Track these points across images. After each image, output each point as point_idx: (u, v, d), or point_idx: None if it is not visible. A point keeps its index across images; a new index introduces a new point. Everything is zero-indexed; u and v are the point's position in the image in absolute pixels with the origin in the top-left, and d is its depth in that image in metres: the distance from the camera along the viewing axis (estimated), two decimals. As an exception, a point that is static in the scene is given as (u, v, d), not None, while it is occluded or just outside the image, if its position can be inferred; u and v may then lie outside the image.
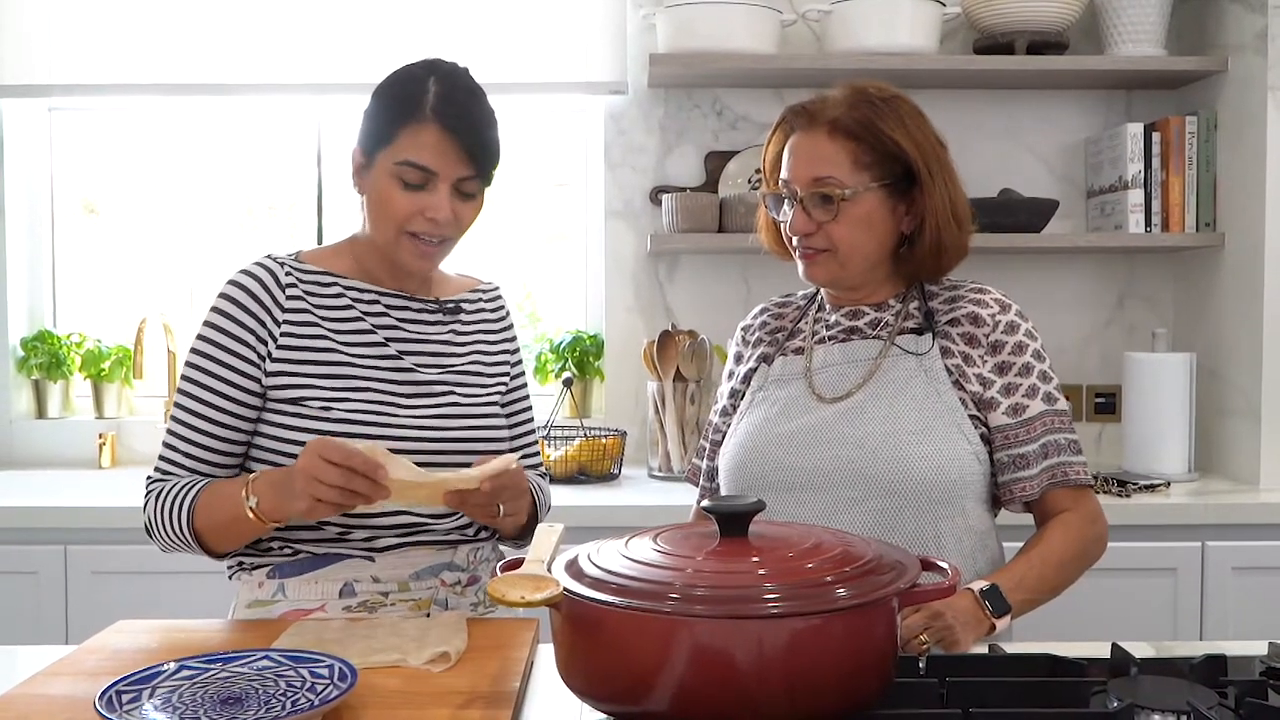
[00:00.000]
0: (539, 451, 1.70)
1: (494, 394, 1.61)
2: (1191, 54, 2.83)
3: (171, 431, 1.48)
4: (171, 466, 1.48)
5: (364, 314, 1.53)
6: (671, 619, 0.95)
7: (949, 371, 1.55)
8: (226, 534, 1.44)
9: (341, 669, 1.13)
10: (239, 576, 1.54)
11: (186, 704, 1.06)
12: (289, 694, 1.09)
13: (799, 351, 1.66)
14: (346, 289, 1.53)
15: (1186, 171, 2.76)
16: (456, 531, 1.54)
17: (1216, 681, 1.12)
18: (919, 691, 1.09)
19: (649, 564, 1.03)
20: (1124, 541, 2.38)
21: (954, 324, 1.58)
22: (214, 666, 1.15)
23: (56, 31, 2.94)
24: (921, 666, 1.16)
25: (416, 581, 1.51)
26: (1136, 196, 2.76)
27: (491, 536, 1.61)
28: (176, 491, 1.44)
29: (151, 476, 1.49)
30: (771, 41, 2.72)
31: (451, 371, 1.57)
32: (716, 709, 0.95)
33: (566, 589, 1.01)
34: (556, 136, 3.12)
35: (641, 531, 1.13)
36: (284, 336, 1.48)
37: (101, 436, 2.95)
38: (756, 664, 0.94)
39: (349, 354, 1.50)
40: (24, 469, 2.93)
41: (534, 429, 1.70)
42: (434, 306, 1.59)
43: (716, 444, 1.71)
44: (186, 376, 1.48)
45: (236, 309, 1.48)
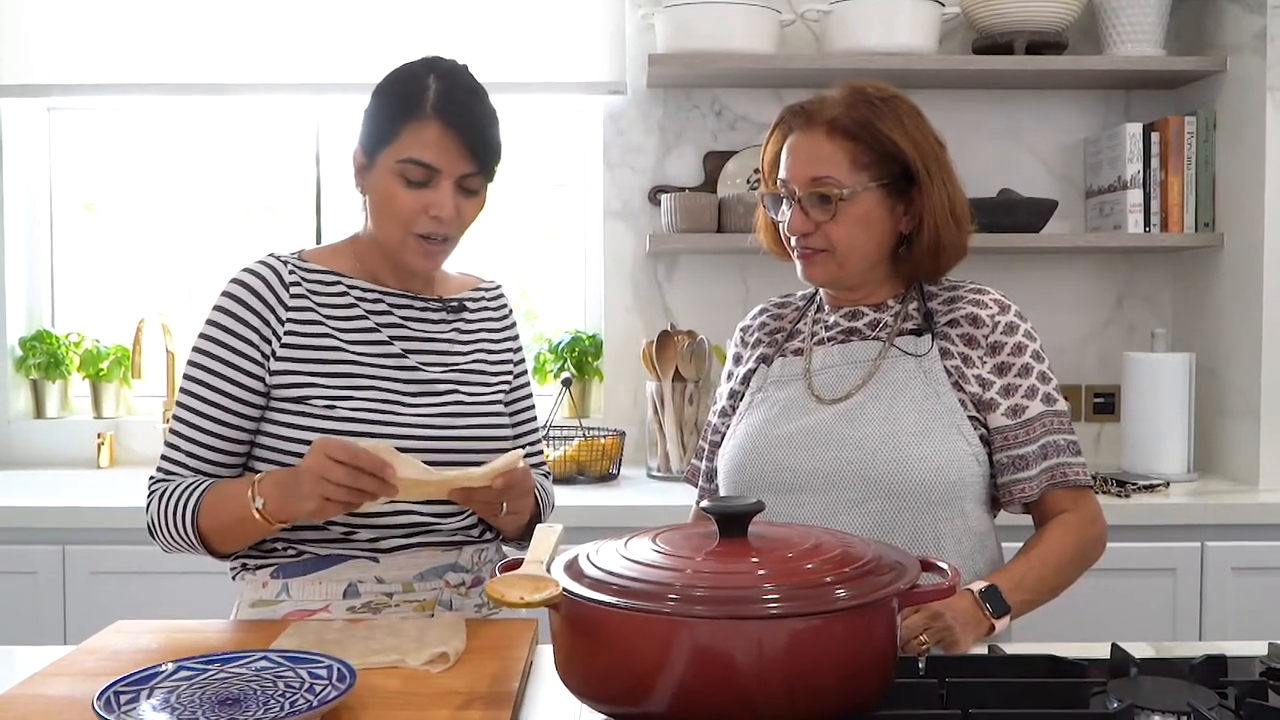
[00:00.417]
0: (542, 450, 1.70)
1: (498, 392, 1.61)
2: (1190, 54, 2.83)
3: (174, 431, 1.47)
4: (174, 466, 1.47)
5: (368, 312, 1.53)
6: (671, 620, 0.95)
7: (948, 373, 1.55)
8: (232, 535, 1.44)
9: (340, 670, 1.13)
10: (242, 576, 1.53)
11: (185, 705, 1.06)
12: (287, 695, 1.09)
13: (798, 353, 1.66)
14: (350, 287, 1.53)
15: (1185, 171, 2.76)
16: (461, 533, 1.54)
17: (1216, 682, 1.12)
18: (919, 692, 1.09)
19: (648, 564, 1.03)
20: (1123, 542, 2.38)
21: (953, 325, 1.58)
22: (212, 667, 1.15)
23: (55, 31, 2.94)
24: (921, 667, 1.16)
25: (421, 582, 1.50)
26: (1135, 196, 2.76)
27: (496, 538, 1.61)
28: (180, 492, 1.44)
29: (154, 476, 1.48)
30: (770, 41, 2.72)
31: (455, 370, 1.57)
32: (716, 710, 0.95)
33: (566, 589, 1.01)
34: (555, 137, 3.12)
35: (641, 532, 1.13)
36: (288, 335, 1.48)
37: (100, 436, 2.94)
38: (756, 665, 0.94)
39: (353, 352, 1.50)
40: (22, 469, 2.92)
41: (537, 427, 1.70)
42: (437, 305, 1.59)
43: (715, 445, 1.71)
44: (189, 375, 1.47)
45: (240, 307, 1.48)
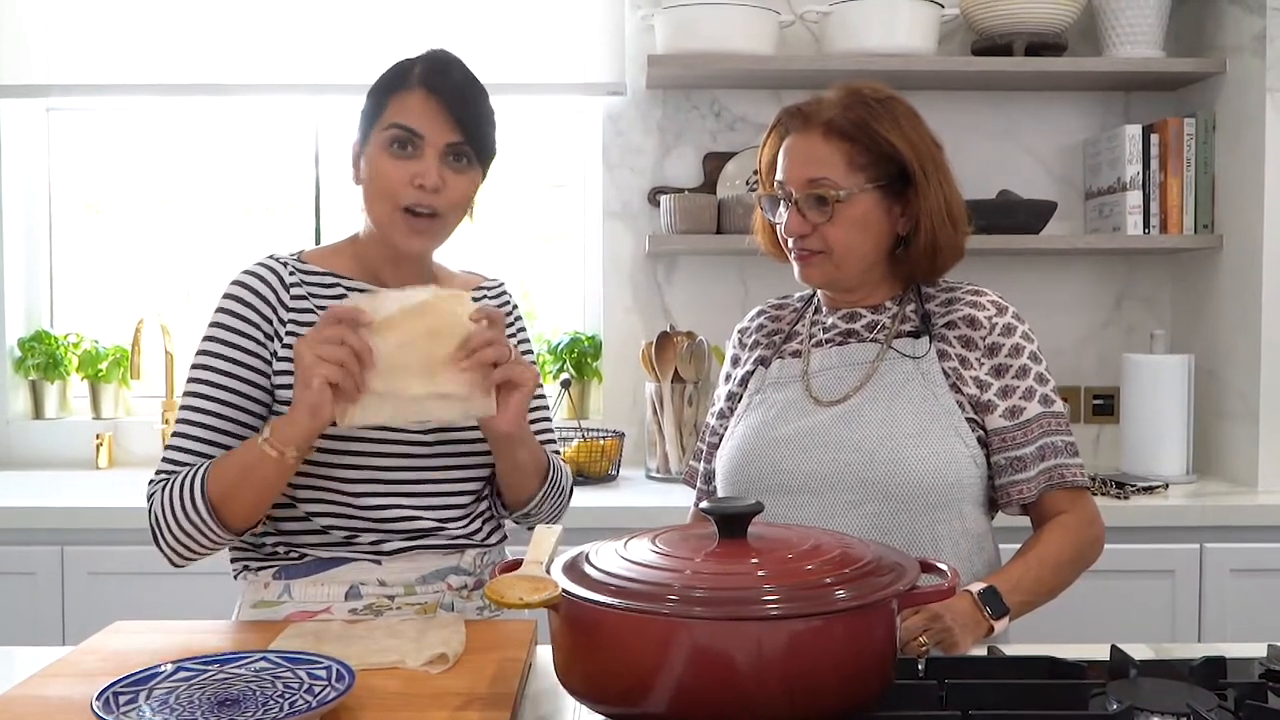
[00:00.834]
0: (555, 440, 1.68)
1: None
2: (1190, 55, 2.83)
3: (178, 433, 1.45)
4: (178, 468, 1.44)
5: None
6: (670, 620, 0.95)
7: (946, 374, 1.55)
8: (243, 489, 1.37)
9: (339, 670, 1.13)
10: (244, 577, 1.53)
11: (184, 705, 1.06)
12: (286, 695, 1.09)
13: (796, 354, 1.66)
14: (349, 289, 1.53)
15: (1185, 173, 2.77)
16: (464, 536, 1.53)
17: (1216, 684, 1.12)
18: (918, 693, 1.09)
19: (647, 565, 1.03)
20: (1122, 543, 2.38)
21: (950, 326, 1.58)
22: (211, 668, 1.15)
23: (54, 32, 2.94)
24: (921, 669, 1.16)
25: (423, 585, 1.50)
26: (1135, 198, 2.76)
27: (500, 541, 1.61)
28: (184, 476, 1.40)
29: (154, 479, 1.45)
30: (770, 43, 2.72)
31: None
32: (715, 711, 0.95)
33: (565, 590, 1.01)
34: (555, 137, 3.12)
35: (640, 533, 1.13)
36: (289, 336, 1.47)
37: (99, 437, 2.94)
38: (755, 666, 0.94)
39: None
40: (21, 469, 2.92)
41: (549, 420, 1.67)
42: None
43: (714, 446, 1.71)
44: (194, 378, 1.46)
45: (243, 307, 1.47)
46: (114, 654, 1.28)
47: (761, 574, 1.00)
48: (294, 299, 1.49)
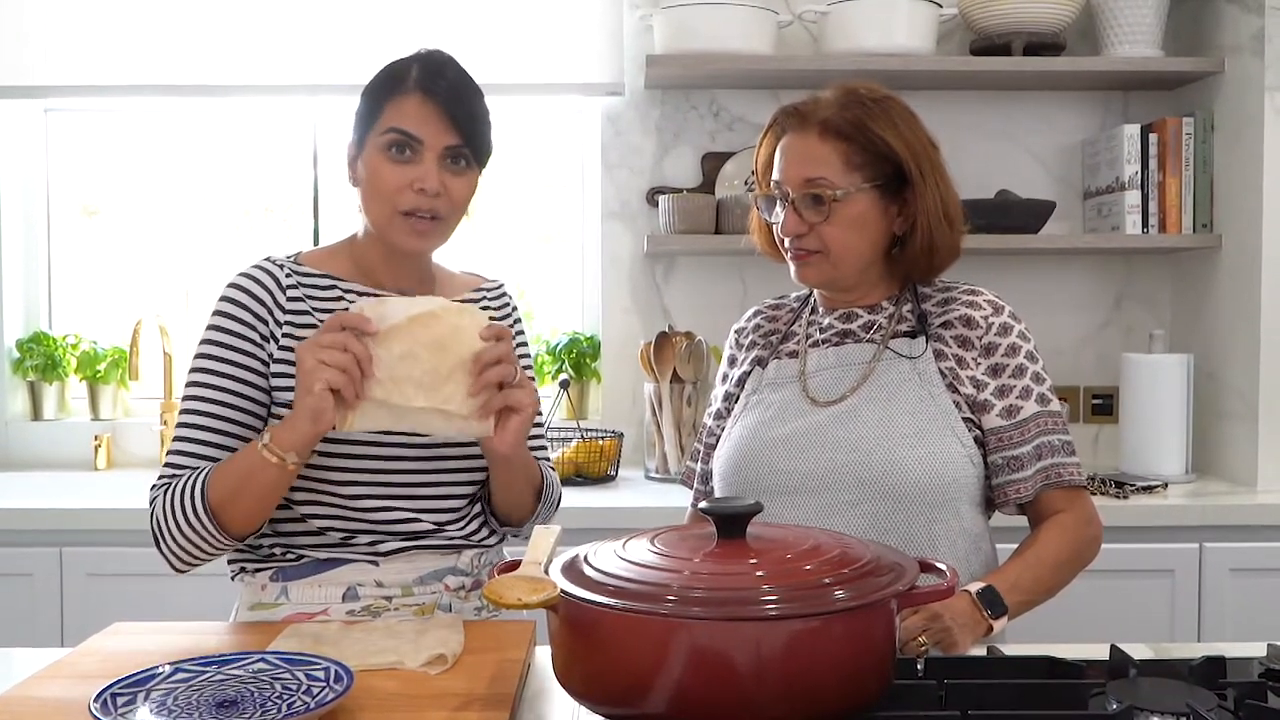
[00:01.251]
0: (547, 445, 1.68)
1: None
2: (1188, 55, 2.83)
3: (179, 437, 1.45)
4: (180, 472, 1.43)
5: None
6: (669, 621, 0.95)
7: (942, 374, 1.55)
8: (244, 495, 1.36)
9: (338, 671, 1.12)
10: (241, 579, 1.52)
11: (182, 707, 1.06)
12: (285, 696, 1.09)
13: (793, 355, 1.66)
14: (346, 291, 1.52)
15: (1184, 173, 2.77)
16: (461, 537, 1.53)
17: (1215, 683, 1.12)
18: (918, 693, 1.09)
19: (646, 566, 1.02)
20: (1121, 543, 2.38)
21: (947, 326, 1.58)
22: (209, 669, 1.15)
23: (53, 32, 2.94)
24: (920, 668, 1.16)
25: (420, 586, 1.50)
26: (1133, 198, 2.76)
27: (498, 542, 1.60)
28: (184, 481, 1.40)
29: (155, 484, 1.45)
30: (768, 42, 2.72)
31: None
32: (714, 711, 0.95)
33: (564, 591, 1.01)
34: (553, 138, 3.12)
35: (639, 533, 1.13)
36: (285, 338, 1.47)
37: (97, 438, 2.94)
38: (754, 666, 0.94)
39: None
40: (19, 471, 2.92)
41: (541, 428, 1.67)
42: None
43: (711, 447, 1.71)
44: (192, 382, 1.46)
45: (240, 310, 1.47)
46: (112, 655, 1.28)
47: (760, 574, 1.00)
48: (290, 301, 1.49)
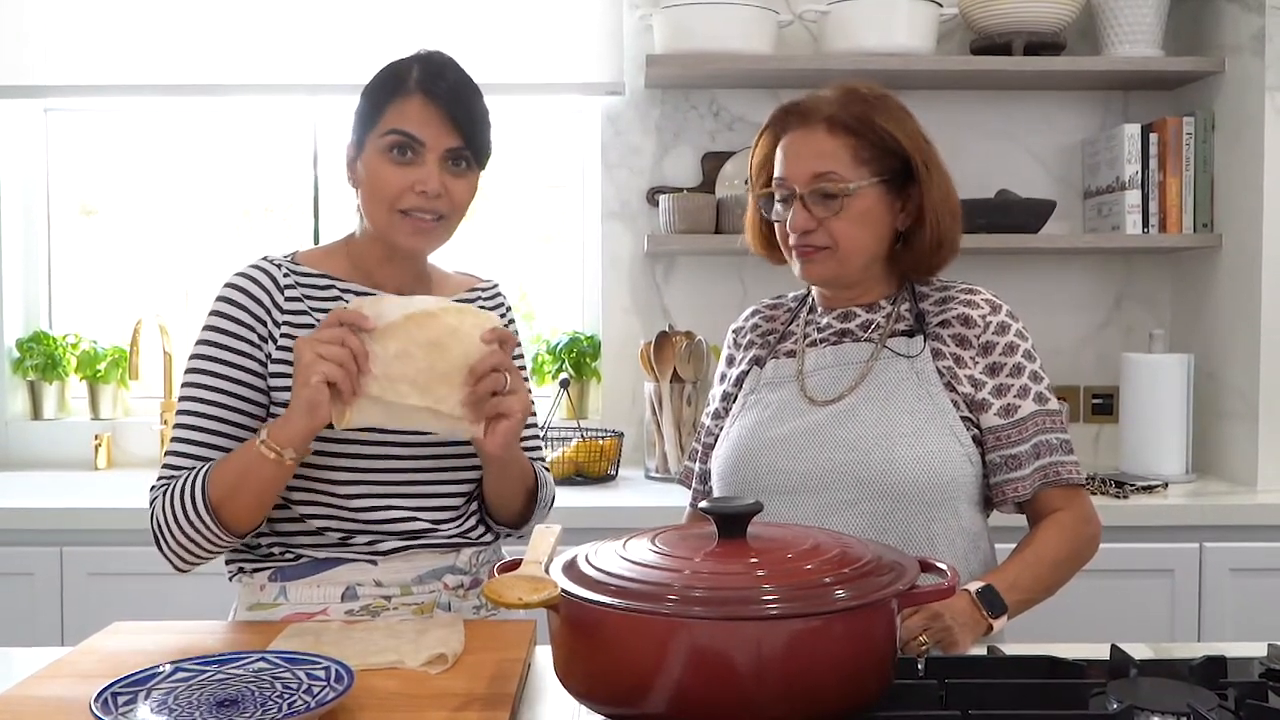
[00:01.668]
0: (541, 446, 1.69)
1: None
2: (1189, 54, 2.83)
3: (177, 438, 1.44)
4: (177, 472, 1.43)
5: None
6: (670, 620, 0.95)
7: (940, 373, 1.55)
8: (243, 491, 1.37)
9: (338, 671, 1.12)
10: (239, 579, 1.52)
11: (182, 706, 1.06)
12: (285, 696, 1.09)
13: (790, 354, 1.66)
14: (343, 291, 1.52)
15: (1184, 172, 2.76)
16: (459, 535, 1.53)
17: (1216, 683, 1.12)
18: (918, 693, 1.09)
19: (647, 565, 1.02)
20: (1121, 543, 2.38)
21: (945, 325, 1.58)
22: (210, 668, 1.15)
23: (52, 32, 2.94)
24: (920, 668, 1.16)
25: (419, 585, 1.50)
26: (1134, 197, 2.75)
27: (495, 539, 1.61)
28: (183, 480, 1.40)
29: (155, 485, 1.45)
30: (768, 42, 2.72)
31: None
32: (715, 711, 0.95)
33: (564, 590, 1.01)
34: (553, 137, 3.12)
35: (639, 533, 1.13)
36: (283, 337, 1.47)
37: (97, 438, 2.94)
38: (755, 666, 0.94)
39: None
40: (19, 470, 2.92)
41: (536, 424, 1.68)
42: None
43: (709, 447, 1.71)
44: (189, 382, 1.46)
45: (237, 309, 1.47)
46: (112, 655, 1.28)
47: (761, 574, 1.00)
48: (288, 300, 1.49)
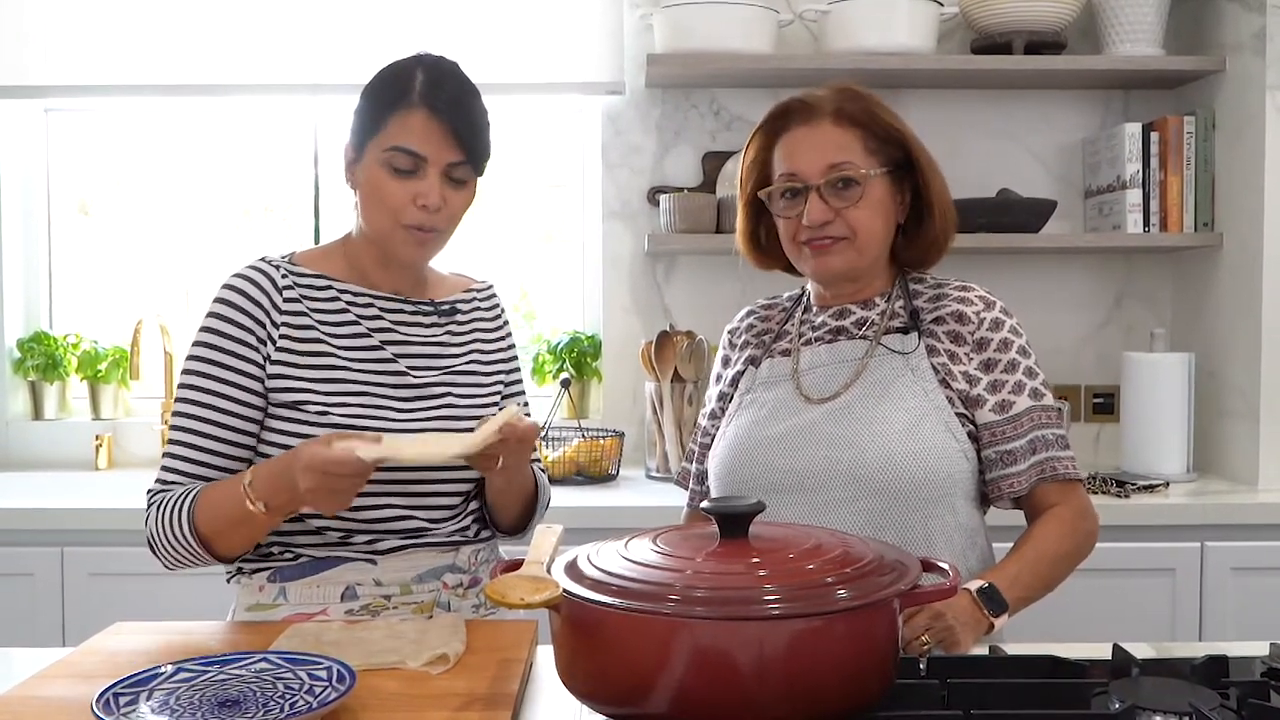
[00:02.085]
0: (536, 447, 1.69)
1: (492, 393, 1.60)
2: (1189, 53, 2.83)
3: (174, 440, 1.45)
4: (175, 476, 1.44)
5: (359, 317, 1.52)
6: (672, 620, 0.95)
7: (935, 370, 1.56)
8: (229, 535, 1.40)
9: (340, 671, 1.12)
10: (238, 580, 1.52)
11: (184, 706, 1.06)
12: (287, 696, 1.09)
13: (786, 353, 1.66)
14: (341, 292, 1.52)
15: (1185, 171, 2.76)
16: (458, 533, 1.53)
17: (1218, 682, 1.12)
18: (920, 693, 1.09)
19: (649, 565, 1.02)
20: (1122, 542, 2.38)
21: (939, 322, 1.59)
22: (212, 669, 1.15)
23: (53, 32, 2.94)
24: (922, 668, 1.16)
25: (419, 584, 1.50)
26: (1134, 196, 2.75)
27: (492, 537, 1.61)
28: (174, 500, 1.42)
29: (152, 489, 1.45)
30: (768, 42, 2.72)
31: (448, 373, 1.56)
32: (717, 711, 0.95)
33: (566, 590, 1.01)
34: (554, 137, 3.12)
35: (641, 532, 1.13)
36: (282, 339, 1.47)
37: (98, 438, 2.94)
38: (757, 666, 0.94)
39: (344, 358, 1.49)
40: (20, 470, 2.92)
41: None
42: (428, 309, 1.58)
43: (705, 447, 1.72)
44: (186, 384, 1.46)
45: (235, 311, 1.47)
46: (114, 655, 1.28)
47: (763, 574, 1.00)
48: (287, 301, 1.49)
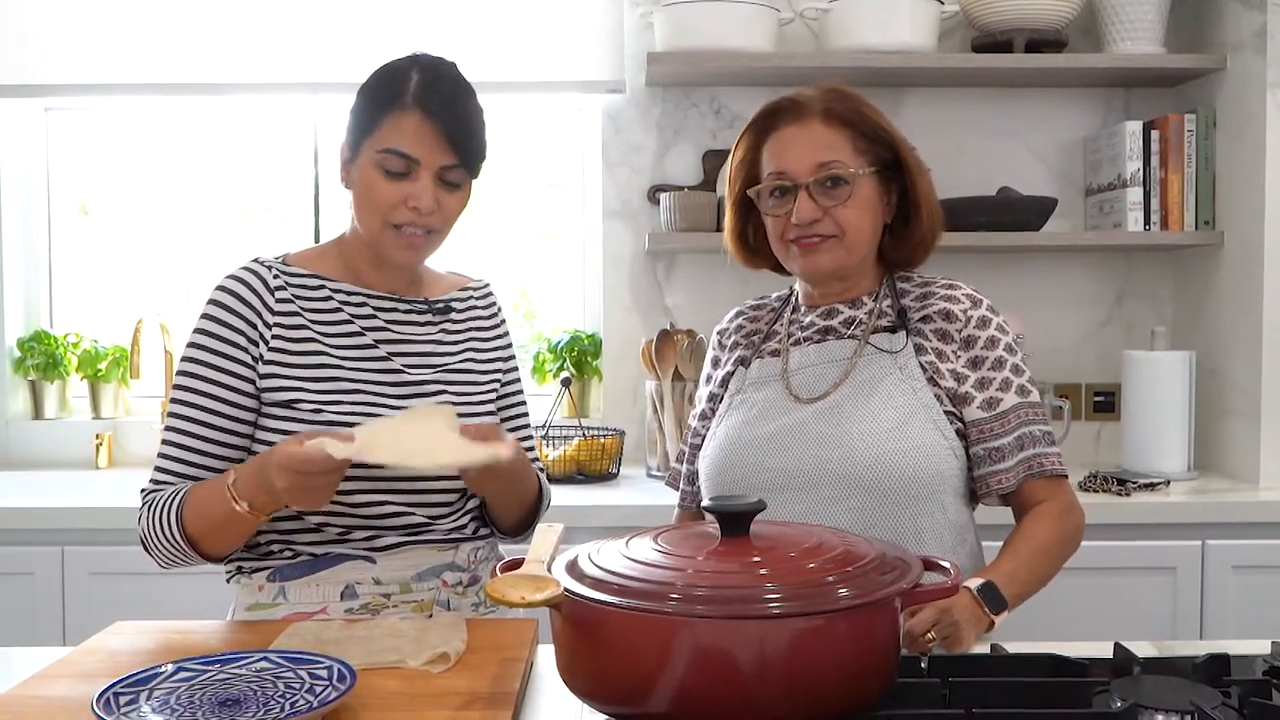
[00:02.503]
0: (535, 447, 1.69)
1: (488, 392, 1.60)
2: (1190, 51, 2.82)
3: (167, 440, 1.46)
4: (168, 476, 1.45)
5: (352, 316, 1.52)
6: (673, 619, 0.95)
7: (923, 368, 1.57)
8: (216, 534, 1.41)
9: (340, 670, 1.12)
10: (238, 580, 1.52)
11: (184, 706, 1.06)
12: (287, 695, 1.09)
13: (775, 353, 1.67)
14: (334, 291, 1.52)
15: (1185, 169, 2.76)
16: (456, 530, 1.53)
17: (1220, 681, 1.12)
18: (921, 692, 1.09)
19: (650, 564, 1.02)
20: (1123, 540, 2.38)
21: (926, 321, 1.60)
22: (212, 668, 1.15)
23: (53, 31, 2.93)
24: (924, 667, 1.16)
25: (418, 583, 1.50)
26: (1135, 194, 2.75)
27: (491, 535, 1.61)
28: (164, 500, 1.42)
29: (146, 489, 1.46)
30: (769, 40, 2.72)
31: (443, 371, 1.56)
32: (718, 710, 0.94)
33: (567, 589, 1.01)
34: (554, 136, 3.11)
35: (642, 531, 1.13)
36: (275, 339, 1.47)
37: (98, 437, 2.94)
38: (758, 665, 0.93)
39: (338, 357, 1.49)
40: (20, 470, 2.92)
41: (529, 424, 1.69)
42: (423, 307, 1.58)
43: (696, 448, 1.72)
44: (180, 385, 1.46)
45: (227, 313, 1.47)
46: (114, 654, 1.28)
47: (764, 572, 1.00)
48: (279, 302, 1.49)
